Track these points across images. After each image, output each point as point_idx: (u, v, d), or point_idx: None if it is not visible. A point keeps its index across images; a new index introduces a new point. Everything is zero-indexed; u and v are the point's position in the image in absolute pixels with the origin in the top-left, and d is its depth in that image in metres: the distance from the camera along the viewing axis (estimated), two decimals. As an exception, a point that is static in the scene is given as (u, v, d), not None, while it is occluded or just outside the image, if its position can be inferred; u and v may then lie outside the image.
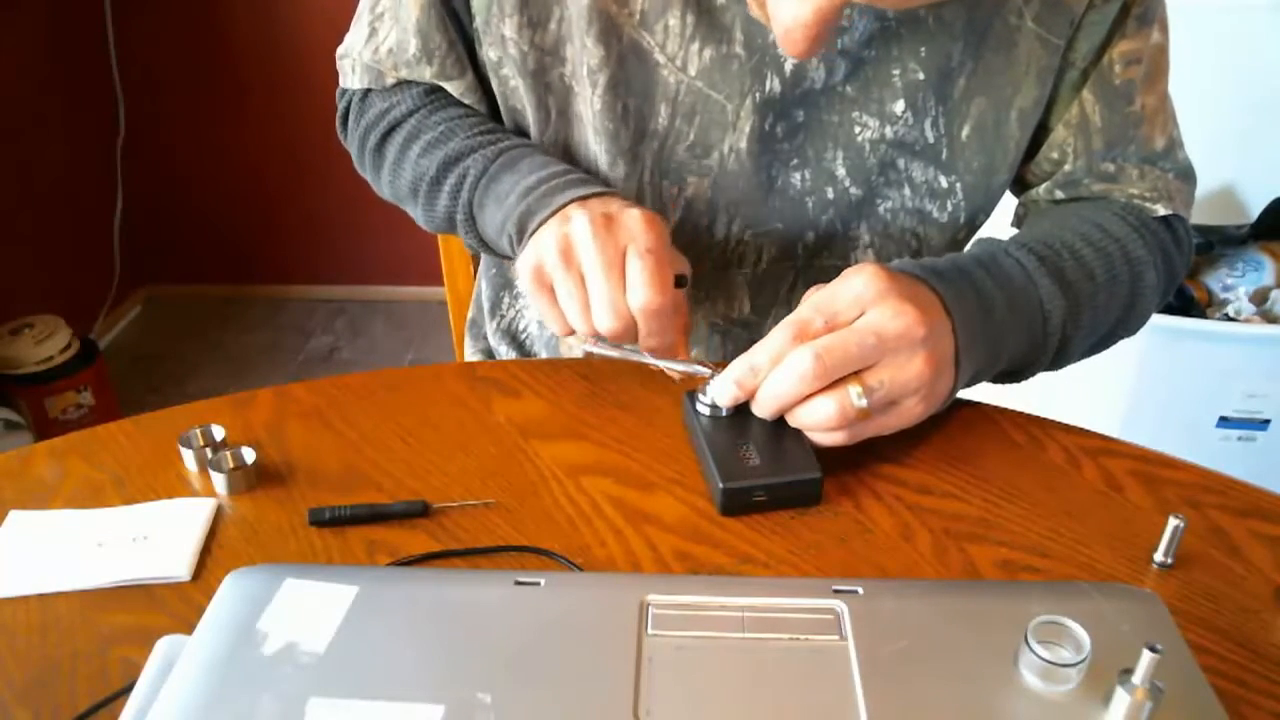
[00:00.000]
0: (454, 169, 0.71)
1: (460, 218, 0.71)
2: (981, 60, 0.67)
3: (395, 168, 0.76)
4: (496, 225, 0.68)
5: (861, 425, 0.56)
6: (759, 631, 0.41)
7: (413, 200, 0.76)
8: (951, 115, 0.69)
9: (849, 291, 0.56)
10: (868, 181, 0.71)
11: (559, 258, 0.60)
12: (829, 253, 0.74)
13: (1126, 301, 0.70)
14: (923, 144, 0.69)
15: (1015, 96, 0.69)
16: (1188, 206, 0.75)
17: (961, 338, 0.58)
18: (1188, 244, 0.76)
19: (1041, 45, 0.67)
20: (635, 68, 0.68)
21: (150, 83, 2.37)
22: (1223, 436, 1.54)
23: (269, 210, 2.52)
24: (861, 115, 0.68)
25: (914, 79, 0.67)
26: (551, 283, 0.61)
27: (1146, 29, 0.69)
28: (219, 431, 0.61)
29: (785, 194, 0.71)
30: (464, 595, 0.43)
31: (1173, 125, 0.75)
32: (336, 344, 2.46)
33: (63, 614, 0.50)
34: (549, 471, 0.59)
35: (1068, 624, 0.39)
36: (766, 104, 0.68)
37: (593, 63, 0.67)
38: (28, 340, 1.94)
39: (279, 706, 0.37)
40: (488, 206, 0.69)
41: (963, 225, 0.74)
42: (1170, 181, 0.73)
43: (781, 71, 0.67)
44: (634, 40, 0.67)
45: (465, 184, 0.70)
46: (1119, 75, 0.70)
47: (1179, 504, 0.58)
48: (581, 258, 0.59)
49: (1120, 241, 0.69)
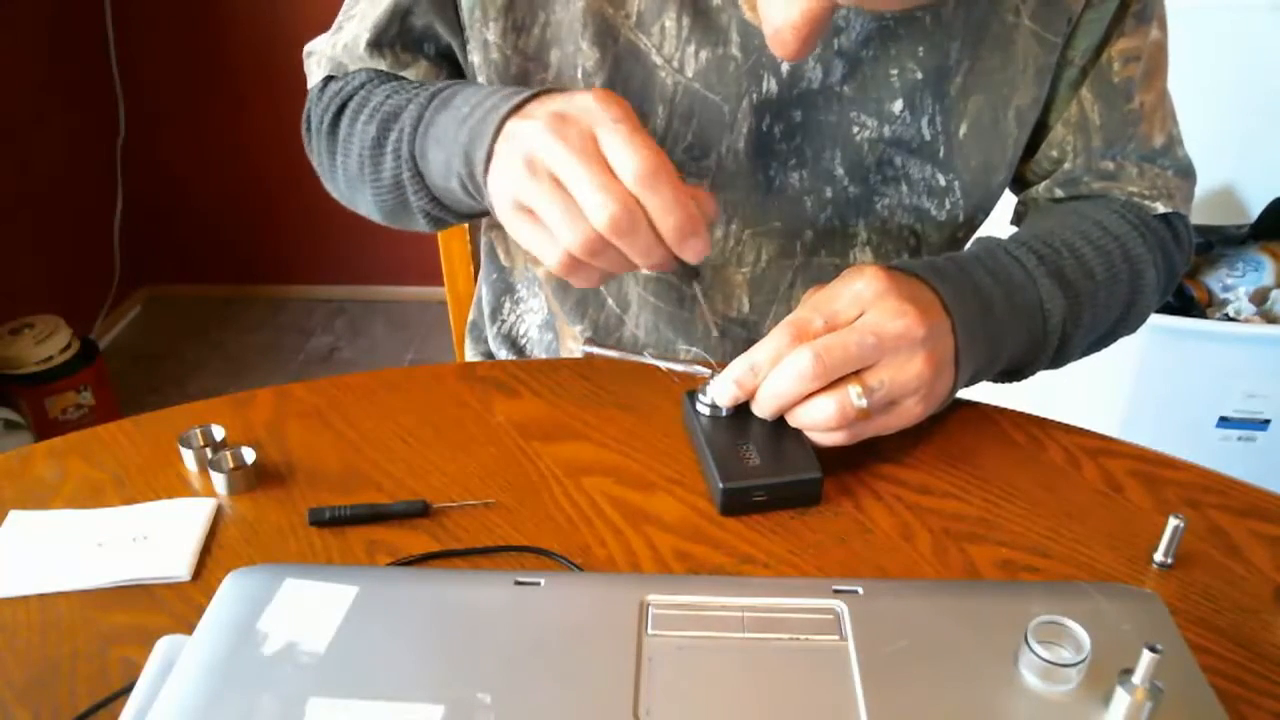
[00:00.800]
0: (393, 126, 0.65)
1: (407, 175, 0.65)
2: (979, 59, 0.67)
3: (346, 146, 0.70)
4: (442, 170, 0.61)
5: (861, 425, 0.56)
6: (759, 631, 0.41)
7: (361, 179, 0.70)
8: (949, 113, 0.69)
9: (849, 291, 0.56)
10: (866, 179, 0.71)
11: (526, 174, 0.52)
12: (827, 250, 0.74)
13: (1127, 300, 0.70)
14: (920, 142, 0.69)
15: (1013, 95, 0.69)
16: (1187, 203, 0.75)
17: (961, 337, 0.58)
18: (1188, 241, 0.76)
19: (1039, 43, 0.67)
20: (632, 69, 0.67)
21: (150, 83, 2.37)
22: (1223, 436, 1.54)
23: (269, 210, 2.52)
24: (859, 115, 0.68)
25: (912, 78, 0.67)
26: (530, 205, 0.53)
27: (1145, 26, 0.69)
28: (219, 431, 0.61)
29: (784, 193, 0.71)
30: (464, 595, 0.43)
31: (1172, 123, 0.75)
32: (336, 344, 2.46)
33: (63, 614, 0.50)
34: (549, 471, 0.59)
35: (1068, 624, 0.39)
36: (764, 105, 0.68)
37: (588, 65, 0.67)
38: (28, 340, 1.94)
39: (279, 706, 0.37)
40: (429, 153, 0.62)
41: (962, 224, 0.74)
42: (1170, 179, 0.74)
43: (778, 72, 0.67)
44: (631, 42, 0.67)
45: (404, 136, 0.64)
46: (1118, 73, 0.70)
47: (1179, 504, 0.58)
48: (548, 161, 0.52)
49: (1120, 240, 0.69)
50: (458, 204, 0.64)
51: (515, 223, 0.55)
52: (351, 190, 0.73)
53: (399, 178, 0.66)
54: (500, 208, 0.56)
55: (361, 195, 0.72)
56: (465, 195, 0.61)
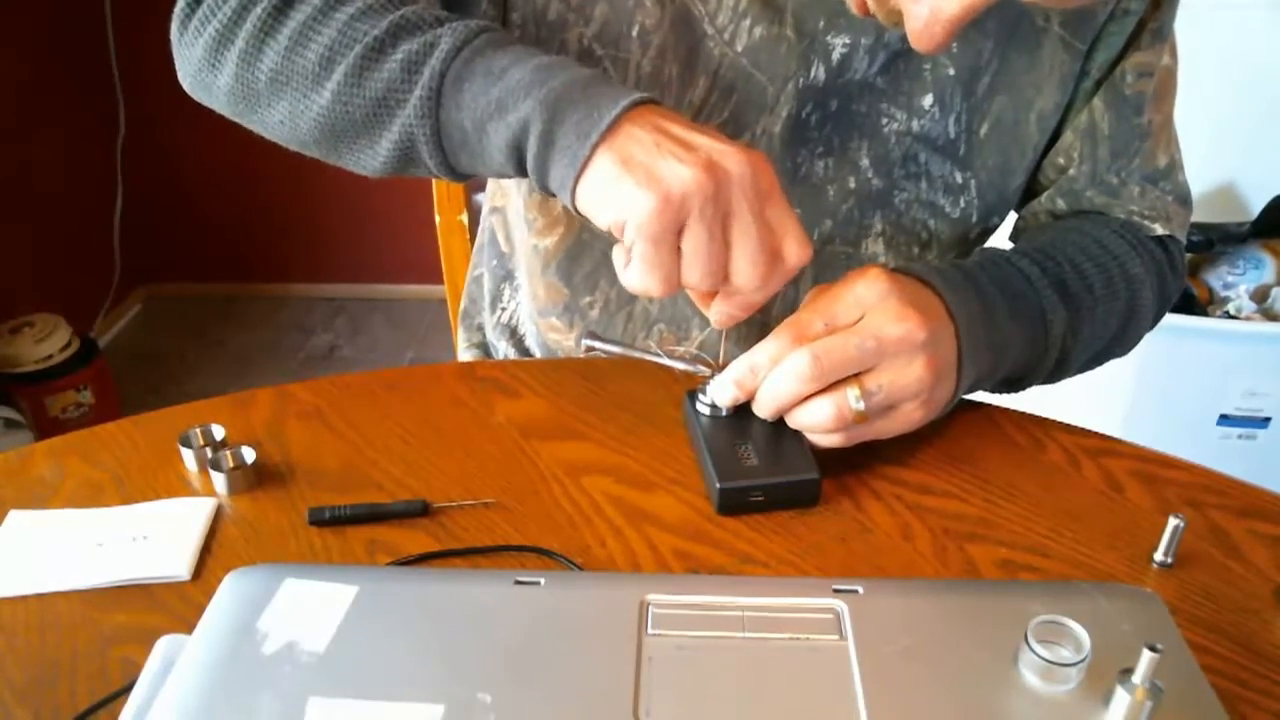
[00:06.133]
0: (413, 35, 0.55)
1: (418, 95, 0.54)
2: (1006, 59, 0.67)
3: (296, 40, 0.57)
4: (489, 105, 0.53)
5: (859, 428, 0.56)
6: (759, 631, 0.41)
7: (313, 81, 0.57)
8: (974, 112, 0.69)
9: (850, 294, 0.56)
10: (890, 173, 0.71)
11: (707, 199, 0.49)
12: (840, 239, 0.74)
13: (1123, 317, 0.70)
14: (945, 139, 0.69)
15: (1036, 98, 0.69)
16: (1183, 229, 0.75)
17: (965, 342, 0.58)
18: (1181, 268, 0.76)
19: (1065, 49, 0.68)
20: (682, 34, 0.65)
21: (150, 83, 2.37)
22: (1223, 435, 1.54)
23: (269, 210, 2.52)
24: (890, 107, 0.68)
25: (944, 74, 0.67)
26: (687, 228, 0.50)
27: (1160, 45, 0.70)
28: (219, 431, 0.61)
29: (808, 181, 0.71)
30: (464, 595, 0.43)
31: (1175, 148, 0.75)
32: (336, 343, 2.46)
33: (63, 614, 0.50)
34: (549, 471, 0.59)
35: (1068, 624, 0.39)
36: (808, 90, 0.67)
37: (649, 22, 0.65)
38: (28, 339, 1.94)
39: (279, 706, 0.37)
40: (474, 80, 0.53)
41: (975, 224, 0.74)
42: (1169, 204, 0.74)
43: (828, 59, 0.66)
44: (685, 5, 0.65)
45: (436, 52, 0.54)
46: (1130, 86, 0.70)
47: (1179, 504, 0.58)
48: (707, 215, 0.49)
49: (1119, 258, 0.69)
50: (472, 148, 0.55)
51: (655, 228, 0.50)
52: (274, 89, 0.59)
53: (394, 96, 0.55)
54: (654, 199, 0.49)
55: (293, 100, 0.58)
56: (504, 143, 0.53)
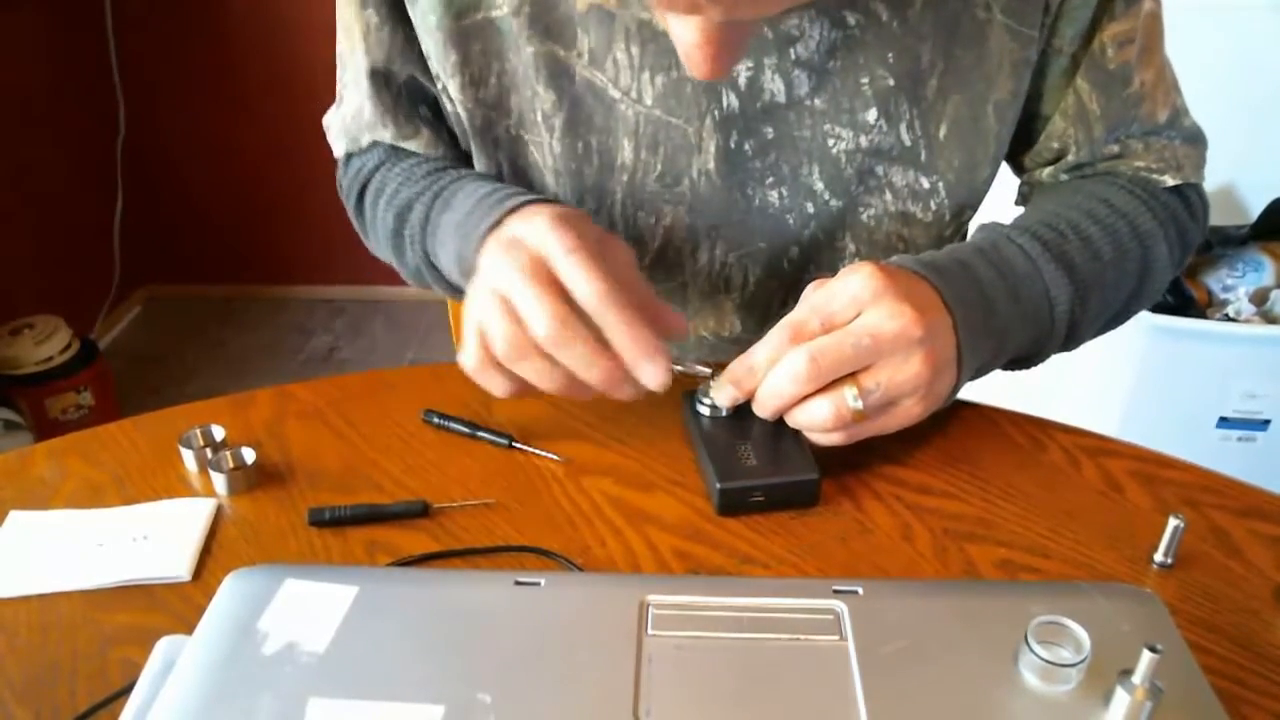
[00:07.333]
0: (407, 219, 0.71)
1: (424, 267, 0.72)
2: (953, 58, 0.66)
3: (374, 227, 0.76)
4: (451, 269, 0.66)
5: (858, 426, 0.56)
6: (759, 631, 0.41)
7: (391, 256, 0.76)
8: (927, 117, 0.68)
9: (846, 291, 0.56)
10: (847, 192, 0.70)
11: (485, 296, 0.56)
12: (815, 265, 0.74)
13: (1138, 276, 0.69)
14: (900, 149, 0.69)
15: (990, 91, 0.68)
16: (1198, 170, 0.73)
17: (963, 334, 0.57)
18: (1201, 208, 0.74)
19: (1012, 37, 0.66)
20: (594, 106, 0.67)
21: (150, 83, 2.37)
22: (1222, 436, 1.54)
23: (269, 210, 2.52)
24: (834, 127, 0.68)
25: (884, 85, 0.66)
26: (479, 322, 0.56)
27: (1135, 6, 0.67)
28: (219, 431, 0.61)
29: (765, 212, 0.71)
30: (464, 595, 0.43)
31: (1175, 94, 0.73)
32: (336, 344, 2.46)
33: (63, 614, 0.50)
34: (549, 471, 0.59)
35: (1068, 624, 0.39)
36: (727, 121, 0.67)
37: (546, 108, 0.67)
38: (28, 340, 1.94)
39: (279, 706, 0.37)
40: (439, 253, 0.68)
41: (948, 222, 0.73)
42: (1177, 149, 0.72)
43: (736, 87, 0.66)
44: (587, 80, 0.66)
45: (416, 236, 0.70)
46: (1112, 59, 0.68)
47: (1179, 504, 0.58)
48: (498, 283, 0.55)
49: (1128, 216, 0.67)
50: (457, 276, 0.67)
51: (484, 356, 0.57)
52: (388, 258, 0.79)
53: (419, 268, 0.73)
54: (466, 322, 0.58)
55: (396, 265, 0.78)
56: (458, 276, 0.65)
